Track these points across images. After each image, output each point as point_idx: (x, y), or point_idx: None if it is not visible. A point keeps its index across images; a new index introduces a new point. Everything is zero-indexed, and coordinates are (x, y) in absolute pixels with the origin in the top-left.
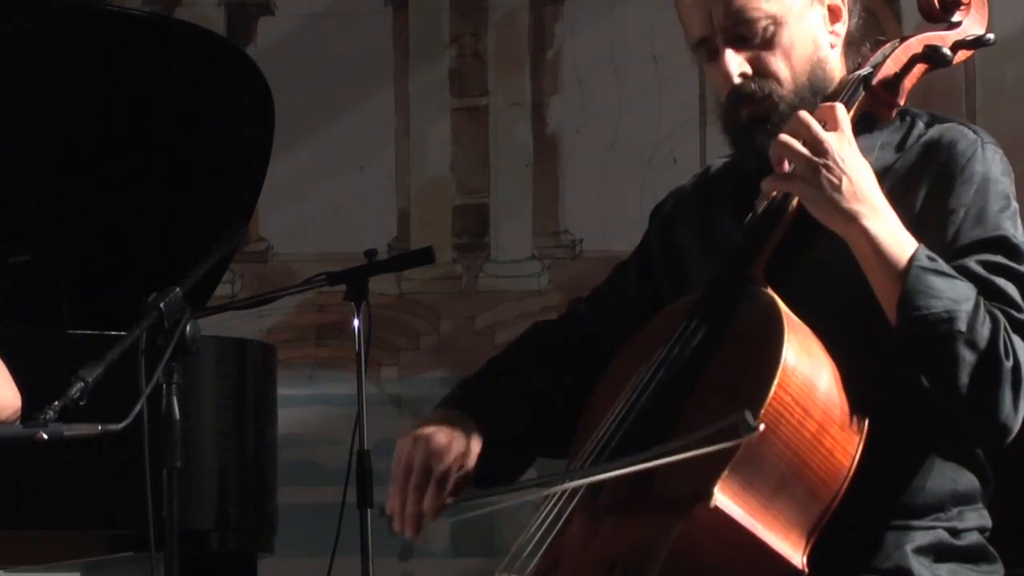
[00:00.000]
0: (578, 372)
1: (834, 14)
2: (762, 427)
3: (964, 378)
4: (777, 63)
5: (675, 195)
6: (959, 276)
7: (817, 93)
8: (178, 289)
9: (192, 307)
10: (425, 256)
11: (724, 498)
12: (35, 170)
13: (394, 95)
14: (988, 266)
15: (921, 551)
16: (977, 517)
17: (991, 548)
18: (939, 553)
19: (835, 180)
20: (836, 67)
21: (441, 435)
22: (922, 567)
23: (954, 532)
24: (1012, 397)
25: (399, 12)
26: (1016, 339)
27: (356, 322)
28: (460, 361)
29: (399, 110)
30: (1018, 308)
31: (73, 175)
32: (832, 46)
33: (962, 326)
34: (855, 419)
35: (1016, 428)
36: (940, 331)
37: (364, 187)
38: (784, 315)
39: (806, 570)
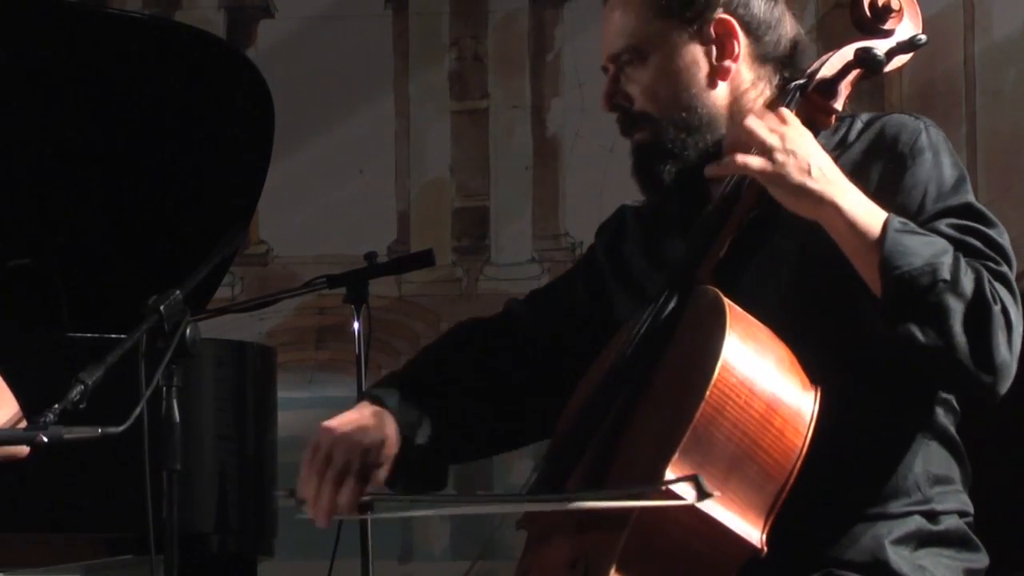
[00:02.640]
0: (509, 374)
1: (724, 49)
2: (717, 494)
3: (957, 326)
4: (642, 96)
5: (620, 213)
6: (933, 235)
7: (691, 131)
8: (178, 292)
9: (192, 310)
10: (425, 259)
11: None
12: (35, 173)
13: (394, 98)
14: (958, 228)
15: (899, 541)
16: (956, 500)
17: (974, 536)
18: (918, 541)
19: (803, 165)
20: (723, 102)
21: (364, 430)
22: (901, 559)
23: (932, 516)
24: (1006, 340)
25: (399, 15)
26: (999, 286)
27: (356, 325)
28: None
29: (399, 113)
30: (996, 261)
31: (73, 178)
32: (719, 81)
33: (946, 275)
34: (806, 401)
35: (1012, 373)
36: (925, 284)
37: (364, 190)
38: (727, 305)
39: (765, 549)
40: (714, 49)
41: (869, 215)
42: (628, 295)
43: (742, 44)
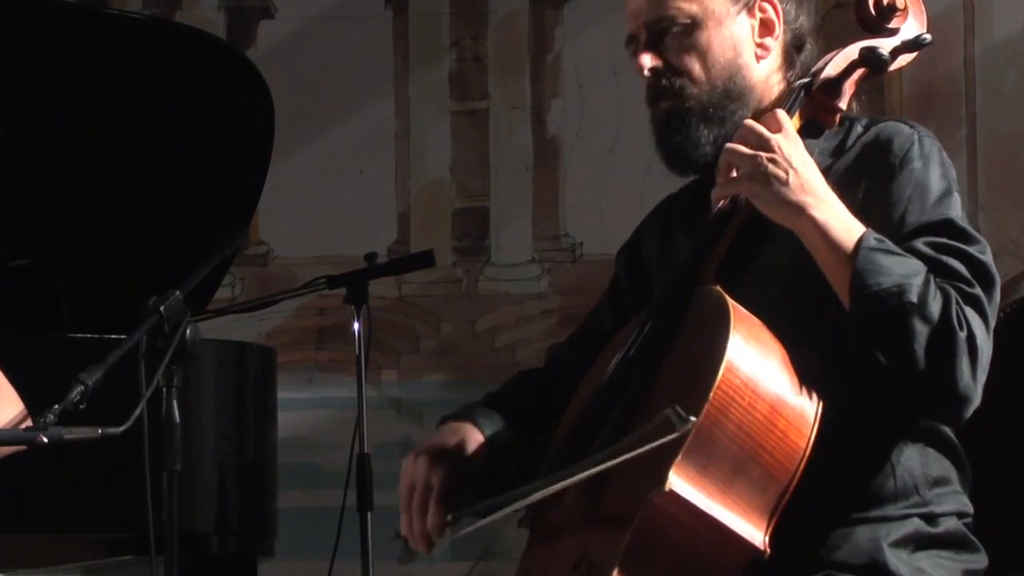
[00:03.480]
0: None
1: (766, 27)
2: (693, 419)
3: (920, 351)
4: (691, 62)
5: (637, 231)
6: (908, 255)
7: (733, 99)
8: (178, 292)
9: (192, 310)
10: (425, 259)
11: (680, 481)
12: (35, 173)
13: (394, 98)
14: (936, 247)
15: (898, 544)
16: (955, 501)
17: (972, 537)
18: (917, 543)
19: (781, 174)
20: (760, 78)
21: (441, 450)
22: (899, 561)
23: (931, 518)
24: (970, 366)
25: (399, 15)
26: (969, 310)
27: (356, 325)
28: (460, 364)
29: (399, 113)
30: (969, 283)
31: (73, 178)
32: (759, 58)
33: (913, 298)
34: (809, 402)
35: (976, 398)
36: (891, 305)
37: (364, 190)
38: (731, 306)
39: (768, 550)
40: (758, 26)
41: (845, 229)
42: (642, 297)
43: (780, 26)
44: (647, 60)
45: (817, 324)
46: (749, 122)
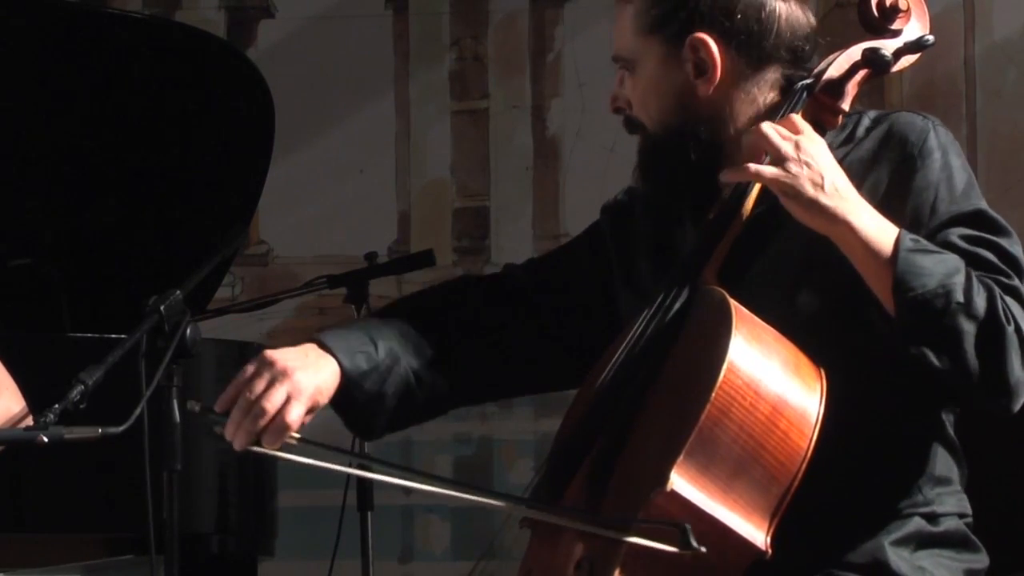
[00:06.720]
0: (495, 320)
1: (702, 66)
2: (704, 549)
3: (970, 349)
4: (638, 101)
5: (630, 195)
6: (944, 251)
7: (688, 131)
8: (178, 292)
9: (192, 310)
10: (425, 259)
11: (681, 481)
12: (35, 173)
13: (394, 98)
14: (969, 239)
15: (899, 542)
16: (956, 502)
17: (973, 536)
18: (918, 542)
19: (817, 179)
20: (711, 109)
21: (305, 375)
22: (900, 560)
23: (932, 517)
24: (1019, 358)
25: (399, 15)
26: (1011, 302)
27: None
28: None
29: (399, 113)
30: (1007, 275)
31: (73, 178)
32: (699, 95)
33: (959, 298)
34: (811, 403)
35: None
36: (938, 307)
37: (364, 190)
38: (733, 306)
39: (769, 551)
40: (691, 67)
41: (881, 232)
42: (630, 282)
43: (724, 60)
44: (610, 98)
45: (824, 324)
46: (768, 124)
